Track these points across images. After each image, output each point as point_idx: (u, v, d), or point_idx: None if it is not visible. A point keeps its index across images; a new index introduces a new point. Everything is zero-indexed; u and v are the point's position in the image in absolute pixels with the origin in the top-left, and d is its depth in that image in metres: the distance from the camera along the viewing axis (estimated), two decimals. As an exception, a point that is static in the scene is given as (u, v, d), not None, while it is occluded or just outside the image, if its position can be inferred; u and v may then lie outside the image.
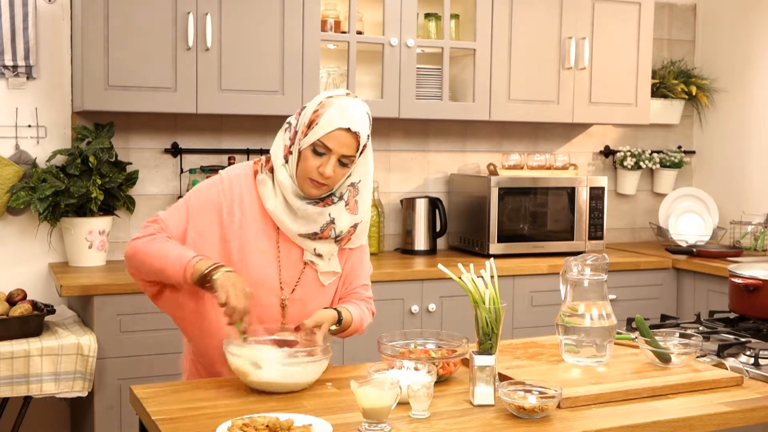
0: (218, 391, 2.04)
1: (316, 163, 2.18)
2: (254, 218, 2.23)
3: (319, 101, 2.22)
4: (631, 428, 1.84)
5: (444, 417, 1.85)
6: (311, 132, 2.18)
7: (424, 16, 4.24)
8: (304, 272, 2.26)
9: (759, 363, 2.23)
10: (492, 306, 2.08)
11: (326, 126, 2.17)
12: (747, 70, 4.85)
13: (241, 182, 2.25)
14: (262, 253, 2.23)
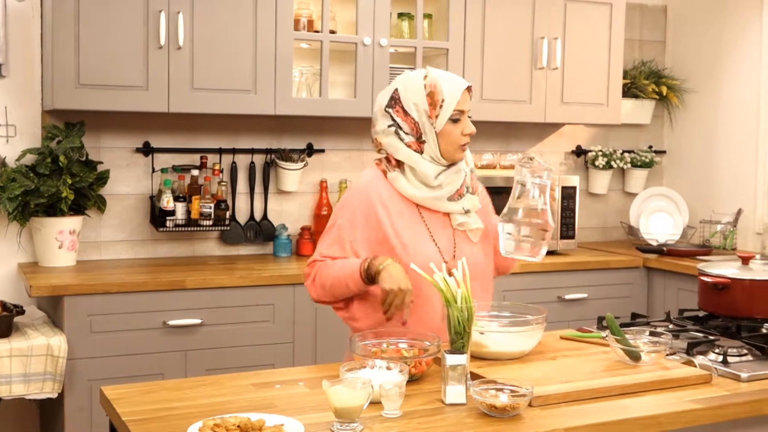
0: (190, 392, 2.03)
1: (458, 130, 2.41)
2: (397, 208, 2.42)
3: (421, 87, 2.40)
4: (602, 426, 1.85)
5: (416, 416, 1.85)
6: (443, 110, 2.39)
7: (397, 15, 4.24)
8: (456, 238, 2.46)
9: (727, 361, 2.25)
10: (464, 305, 2.09)
11: (455, 96, 2.39)
12: (716, 70, 4.90)
13: (375, 185, 2.44)
14: (416, 235, 2.41)
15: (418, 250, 2.39)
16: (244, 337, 3.60)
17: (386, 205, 2.42)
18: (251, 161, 4.18)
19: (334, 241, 2.43)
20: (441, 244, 2.44)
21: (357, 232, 2.41)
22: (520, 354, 2.30)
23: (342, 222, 2.43)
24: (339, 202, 2.50)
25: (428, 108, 2.40)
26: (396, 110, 2.43)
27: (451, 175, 2.44)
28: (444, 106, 2.39)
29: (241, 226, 4.16)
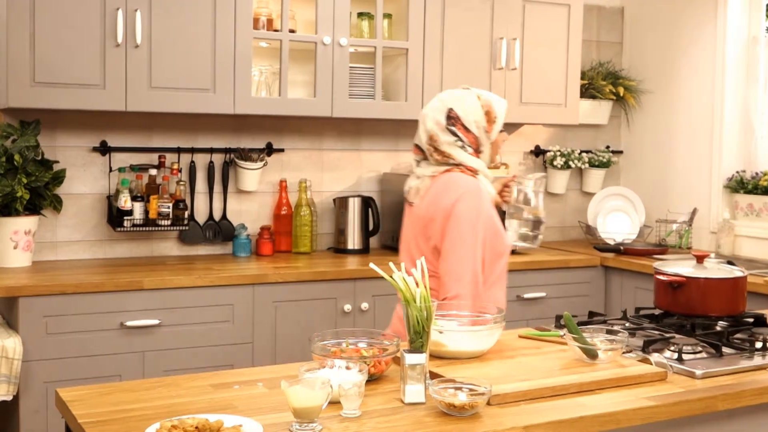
0: (147, 393, 2.02)
1: (503, 138, 2.85)
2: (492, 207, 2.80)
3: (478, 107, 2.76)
4: (559, 424, 1.87)
5: (375, 415, 1.85)
6: (496, 124, 2.79)
7: (357, 15, 4.24)
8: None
9: (682, 358, 2.29)
10: (423, 304, 2.09)
11: (503, 112, 2.81)
12: (672, 71, 4.96)
13: (484, 189, 2.75)
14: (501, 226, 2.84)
15: (507, 235, 2.89)
16: (203, 337, 3.58)
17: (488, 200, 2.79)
18: (210, 161, 4.15)
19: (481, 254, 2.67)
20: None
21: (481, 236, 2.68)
22: (479, 353, 2.31)
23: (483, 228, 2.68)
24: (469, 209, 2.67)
25: (486, 124, 2.77)
26: (458, 127, 2.75)
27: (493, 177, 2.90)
28: (497, 121, 2.78)
29: (200, 226, 4.14)
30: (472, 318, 2.36)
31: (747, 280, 2.71)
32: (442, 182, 2.73)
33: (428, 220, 2.73)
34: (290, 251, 4.27)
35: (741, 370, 2.25)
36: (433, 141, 2.76)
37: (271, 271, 3.75)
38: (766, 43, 4.64)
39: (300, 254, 4.24)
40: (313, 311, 3.78)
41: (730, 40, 4.66)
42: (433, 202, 2.72)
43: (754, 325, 2.64)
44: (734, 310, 2.65)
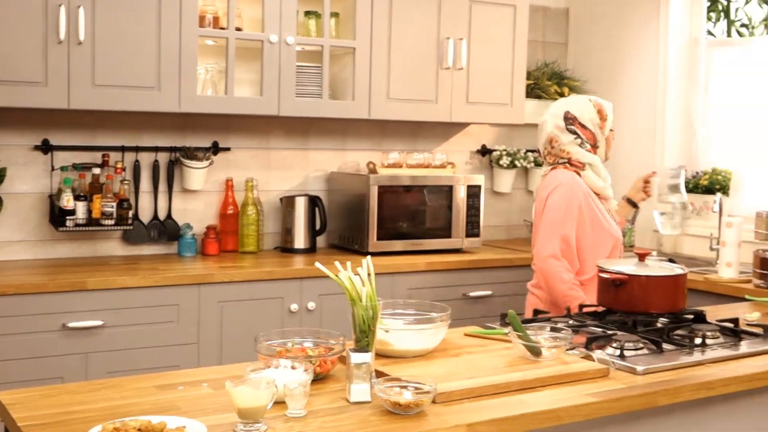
0: (90, 395, 1.99)
1: (610, 136, 3.31)
2: (594, 197, 3.21)
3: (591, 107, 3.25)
4: (503, 421, 1.88)
5: (320, 415, 1.85)
6: (608, 122, 3.28)
7: (304, 13, 4.23)
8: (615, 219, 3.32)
9: (624, 354, 2.32)
10: (369, 303, 2.10)
11: (611, 112, 3.30)
12: (616, 72, 5.03)
13: (579, 182, 3.19)
14: (608, 216, 3.26)
15: (612, 225, 3.23)
16: (148, 338, 3.54)
17: (589, 193, 3.20)
18: (155, 159, 4.11)
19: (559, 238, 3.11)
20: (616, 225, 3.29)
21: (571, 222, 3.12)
22: (425, 351, 2.32)
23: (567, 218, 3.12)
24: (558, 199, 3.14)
25: (599, 121, 3.25)
26: (576, 125, 3.23)
27: (607, 172, 3.29)
28: (608, 119, 3.27)
29: (145, 226, 4.09)
30: (418, 317, 2.37)
31: (687, 278, 2.76)
32: (546, 180, 3.24)
33: (537, 212, 3.25)
34: (236, 251, 4.25)
35: (680, 366, 2.29)
36: (554, 143, 3.25)
37: (217, 271, 3.72)
38: (706, 45, 4.73)
39: (246, 254, 4.22)
40: (260, 311, 3.76)
41: (672, 42, 4.74)
42: (538, 197, 3.26)
43: (694, 322, 2.69)
44: (675, 307, 2.70)
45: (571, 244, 3.14)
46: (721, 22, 4.99)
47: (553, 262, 3.11)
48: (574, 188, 3.15)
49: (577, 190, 3.15)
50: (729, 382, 2.23)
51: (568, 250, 3.14)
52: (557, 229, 3.12)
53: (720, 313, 2.94)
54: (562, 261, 3.11)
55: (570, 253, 3.15)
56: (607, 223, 3.23)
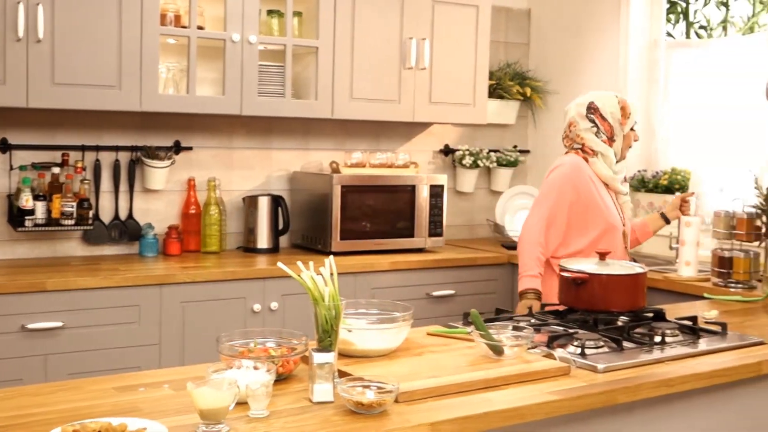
0: (50, 397, 1.97)
1: (632, 135, 3.49)
2: (597, 183, 3.39)
3: (615, 102, 3.44)
4: (465, 419, 1.89)
5: (283, 415, 1.85)
6: (630, 119, 3.45)
7: (266, 12, 4.21)
8: (623, 212, 3.50)
9: (585, 353, 2.34)
10: (331, 303, 2.10)
11: (635, 111, 3.48)
12: (577, 73, 5.08)
13: (578, 165, 3.37)
14: (609, 202, 3.41)
15: (612, 212, 3.39)
16: (108, 339, 3.51)
17: (593, 179, 3.37)
18: (116, 159, 4.07)
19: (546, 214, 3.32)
20: (619, 212, 3.46)
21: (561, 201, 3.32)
22: (388, 351, 2.33)
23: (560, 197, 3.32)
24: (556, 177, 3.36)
25: (620, 117, 3.42)
26: (596, 116, 3.41)
27: (622, 167, 3.49)
28: (630, 117, 3.44)
29: (106, 226, 4.05)
30: (381, 316, 2.37)
31: (647, 277, 2.79)
32: (556, 161, 3.44)
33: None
34: (199, 251, 4.22)
35: (640, 364, 2.31)
36: (572, 126, 3.44)
37: (178, 271, 3.70)
38: (666, 47, 4.78)
39: (209, 254, 4.20)
40: (222, 311, 3.74)
41: (632, 43, 4.79)
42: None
43: (654, 320, 2.72)
44: (635, 306, 2.73)
45: (555, 222, 3.32)
46: (681, 24, 5.06)
47: (533, 236, 3.31)
48: (574, 170, 3.34)
49: (578, 173, 3.34)
50: (688, 380, 2.26)
51: (552, 226, 3.32)
52: (545, 206, 3.33)
53: (679, 312, 2.98)
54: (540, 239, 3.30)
55: (552, 229, 3.32)
56: (607, 209, 3.37)
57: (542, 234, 3.30)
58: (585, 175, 3.35)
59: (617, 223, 3.40)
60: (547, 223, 3.32)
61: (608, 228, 3.36)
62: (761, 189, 3.66)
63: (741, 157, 4.32)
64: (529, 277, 3.26)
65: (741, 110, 4.34)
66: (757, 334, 2.69)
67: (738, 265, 3.59)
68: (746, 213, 3.66)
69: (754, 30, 4.84)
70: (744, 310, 3.15)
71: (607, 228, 3.36)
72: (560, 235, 3.34)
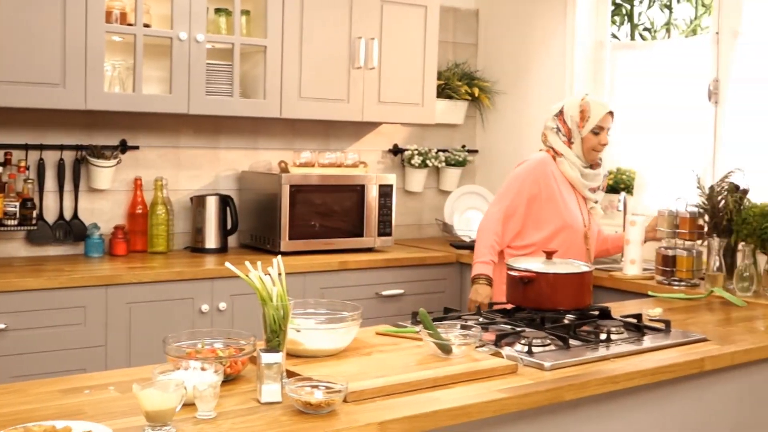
0: (-9, 400, 1.94)
1: (596, 140, 3.52)
2: (562, 180, 3.53)
3: (577, 105, 3.55)
4: (414, 418, 1.90)
5: (230, 416, 1.84)
6: (588, 123, 3.50)
7: (214, 11, 4.18)
8: (591, 215, 3.63)
9: (532, 351, 2.36)
10: (279, 303, 2.09)
11: (598, 115, 3.51)
12: (525, 73, 5.12)
13: (545, 161, 3.53)
14: (572, 202, 3.52)
15: (571, 212, 3.49)
16: (53, 341, 3.45)
17: (557, 177, 3.50)
18: (60, 158, 4.01)
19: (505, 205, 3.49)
20: (585, 217, 3.58)
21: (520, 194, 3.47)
22: (337, 351, 2.33)
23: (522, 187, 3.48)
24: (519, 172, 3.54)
25: (578, 120, 3.51)
26: (560, 118, 3.58)
27: (592, 175, 3.58)
28: (589, 120, 3.49)
29: (50, 226, 3.99)
30: (330, 316, 2.37)
31: (593, 275, 2.84)
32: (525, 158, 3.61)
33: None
34: (146, 251, 4.18)
35: (586, 361, 2.34)
36: (545, 128, 3.63)
37: (125, 272, 3.65)
38: (611, 48, 4.85)
39: (156, 254, 4.15)
40: (170, 312, 3.70)
41: (579, 44, 4.85)
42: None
43: (599, 318, 2.76)
44: (581, 304, 2.77)
45: (515, 215, 3.48)
46: (625, 26, 5.13)
47: (490, 225, 3.48)
48: (538, 166, 3.51)
49: (542, 168, 3.50)
50: (633, 376, 2.29)
51: (510, 218, 3.48)
52: (506, 198, 3.50)
53: (624, 309, 3.02)
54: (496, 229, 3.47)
55: (511, 221, 3.48)
56: (566, 208, 3.50)
57: (499, 224, 3.46)
58: (548, 172, 3.50)
59: (575, 223, 3.51)
60: (506, 214, 3.47)
61: (564, 226, 3.47)
62: (704, 189, 3.73)
63: (684, 156, 4.39)
64: (481, 263, 3.43)
65: (684, 111, 4.42)
66: (700, 331, 2.74)
67: (681, 264, 3.65)
68: (689, 212, 3.72)
69: (696, 32, 4.93)
70: (687, 308, 3.21)
71: (563, 226, 3.47)
72: (517, 227, 3.50)
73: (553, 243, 3.42)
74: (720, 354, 2.52)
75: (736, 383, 2.64)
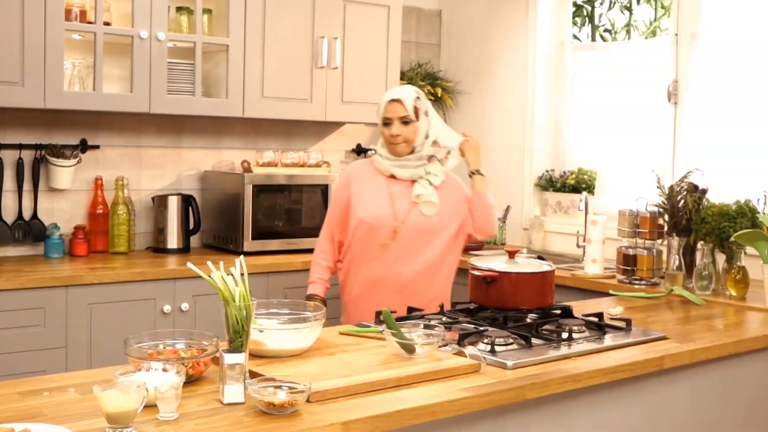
0: (-52, 404, 1.90)
1: (388, 131, 3.24)
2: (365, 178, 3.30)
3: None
4: (377, 418, 1.90)
5: (193, 417, 1.82)
6: (379, 114, 3.26)
7: (175, 9, 4.15)
8: (413, 207, 3.23)
9: (495, 350, 2.38)
10: (242, 303, 2.08)
11: (382, 104, 3.26)
12: (487, 74, 5.15)
13: (356, 166, 3.40)
14: (375, 198, 3.25)
15: (372, 207, 3.23)
16: (12, 343, 3.41)
17: (360, 177, 3.31)
18: (19, 157, 3.96)
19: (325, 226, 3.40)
20: (397, 208, 3.22)
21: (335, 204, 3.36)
22: (300, 351, 2.32)
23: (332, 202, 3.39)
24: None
25: (377, 113, 3.29)
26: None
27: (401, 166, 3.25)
28: (378, 112, 3.27)
29: (9, 226, 3.94)
30: (292, 316, 2.36)
31: (555, 274, 2.86)
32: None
33: None
34: (107, 251, 4.14)
35: (548, 360, 2.36)
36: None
37: (85, 272, 3.61)
38: (572, 49, 4.89)
39: (117, 254, 4.12)
40: (131, 313, 3.67)
41: (540, 45, 4.88)
42: None
43: (561, 317, 2.78)
44: (543, 303, 2.79)
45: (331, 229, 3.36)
46: (586, 27, 5.18)
47: (317, 245, 3.41)
48: (343, 176, 3.41)
49: (345, 177, 3.36)
50: (594, 375, 2.31)
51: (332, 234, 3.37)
52: (327, 215, 3.42)
53: (586, 308, 3.05)
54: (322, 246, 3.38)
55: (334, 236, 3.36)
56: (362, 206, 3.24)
57: (327, 242, 3.37)
58: (353, 176, 3.32)
59: (370, 219, 3.23)
60: (330, 233, 3.37)
61: (358, 224, 3.24)
62: (663, 188, 3.78)
63: (644, 157, 4.44)
64: (311, 283, 3.37)
65: (644, 111, 4.47)
66: (660, 330, 2.78)
67: (642, 263, 3.69)
68: (649, 212, 3.76)
69: (656, 34, 4.99)
70: (647, 307, 3.24)
71: (358, 224, 3.25)
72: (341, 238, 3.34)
73: (354, 244, 3.28)
74: (680, 352, 2.55)
75: (696, 381, 2.68)
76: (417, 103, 3.24)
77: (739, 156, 4.04)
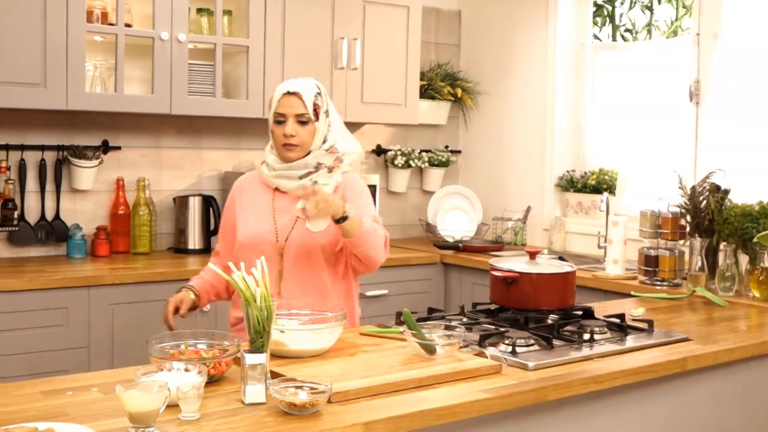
0: (-28, 403, 1.92)
1: (280, 131, 2.69)
2: (253, 193, 2.81)
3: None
4: (399, 419, 1.90)
5: (214, 417, 1.83)
6: (271, 109, 2.71)
7: (196, 10, 4.17)
8: (297, 223, 2.73)
9: (516, 351, 2.37)
10: (263, 304, 2.08)
11: (275, 97, 2.71)
12: (507, 74, 5.13)
13: (242, 179, 2.89)
14: (257, 214, 2.77)
15: (252, 225, 2.76)
16: (36, 342, 3.43)
17: (244, 191, 2.84)
18: (42, 158, 3.99)
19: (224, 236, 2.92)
20: (279, 225, 2.74)
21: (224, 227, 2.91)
22: (321, 351, 2.32)
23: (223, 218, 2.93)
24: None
25: (269, 107, 2.75)
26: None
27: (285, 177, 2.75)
28: (271, 107, 2.73)
29: (32, 227, 3.96)
30: (313, 317, 2.36)
31: (576, 275, 2.84)
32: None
33: None
34: (128, 252, 4.16)
35: (570, 361, 2.35)
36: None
37: (107, 273, 3.63)
38: (592, 49, 4.86)
39: (138, 255, 4.14)
40: (153, 313, 3.68)
41: (561, 46, 4.86)
42: None
43: (583, 318, 2.77)
44: (564, 304, 2.77)
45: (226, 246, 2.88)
46: (607, 27, 5.16)
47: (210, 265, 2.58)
48: (230, 194, 2.91)
49: (231, 194, 2.90)
50: (616, 376, 2.30)
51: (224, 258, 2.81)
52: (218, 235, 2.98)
53: (607, 309, 3.03)
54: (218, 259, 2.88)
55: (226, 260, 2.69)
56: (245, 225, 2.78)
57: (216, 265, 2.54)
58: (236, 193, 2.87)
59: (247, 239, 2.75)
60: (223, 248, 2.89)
61: (240, 246, 2.77)
62: (685, 189, 3.75)
63: (666, 157, 4.42)
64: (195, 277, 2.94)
65: (665, 111, 4.44)
66: (682, 331, 2.76)
67: (664, 264, 3.67)
68: (671, 212, 3.74)
69: (677, 33, 4.96)
70: (669, 308, 3.22)
71: (240, 246, 2.77)
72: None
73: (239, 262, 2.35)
74: (702, 353, 2.53)
75: (719, 382, 2.66)
76: (317, 100, 2.72)
77: (761, 156, 4.01)
